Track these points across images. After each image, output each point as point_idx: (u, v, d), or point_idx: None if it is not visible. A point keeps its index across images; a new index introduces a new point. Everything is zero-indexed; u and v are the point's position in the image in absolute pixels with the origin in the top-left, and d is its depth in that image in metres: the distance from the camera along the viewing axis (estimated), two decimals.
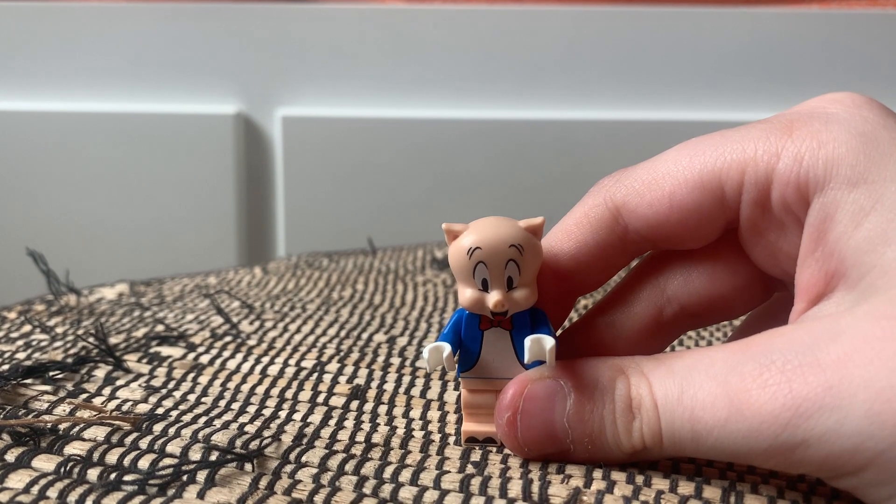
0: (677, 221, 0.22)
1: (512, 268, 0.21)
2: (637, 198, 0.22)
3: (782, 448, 0.18)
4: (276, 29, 0.67)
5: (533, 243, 0.21)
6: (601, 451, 0.21)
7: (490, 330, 0.22)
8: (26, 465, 0.21)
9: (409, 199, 0.69)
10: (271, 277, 0.43)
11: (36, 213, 0.68)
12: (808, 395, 0.17)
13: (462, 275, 0.21)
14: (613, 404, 0.20)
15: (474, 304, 0.21)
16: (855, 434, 0.17)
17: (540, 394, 0.21)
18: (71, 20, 0.66)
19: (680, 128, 0.67)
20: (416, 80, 0.68)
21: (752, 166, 0.21)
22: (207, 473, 0.20)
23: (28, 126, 0.67)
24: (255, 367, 0.29)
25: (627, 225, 0.22)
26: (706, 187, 0.21)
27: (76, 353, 0.29)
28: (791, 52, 0.67)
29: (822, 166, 0.20)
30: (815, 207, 0.20)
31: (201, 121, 0.67)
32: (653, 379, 0.20)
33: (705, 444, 0.19)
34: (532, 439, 0.21)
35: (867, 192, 0.19)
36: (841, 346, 0.18)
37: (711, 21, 0.67)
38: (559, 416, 0.21)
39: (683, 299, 0.23)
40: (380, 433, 0.23)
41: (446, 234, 0.21)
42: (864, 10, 0.67)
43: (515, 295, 0.21)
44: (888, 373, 0.17)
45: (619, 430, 0.20)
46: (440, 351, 0.21)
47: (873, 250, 0.18)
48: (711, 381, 0.19)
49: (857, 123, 0.20)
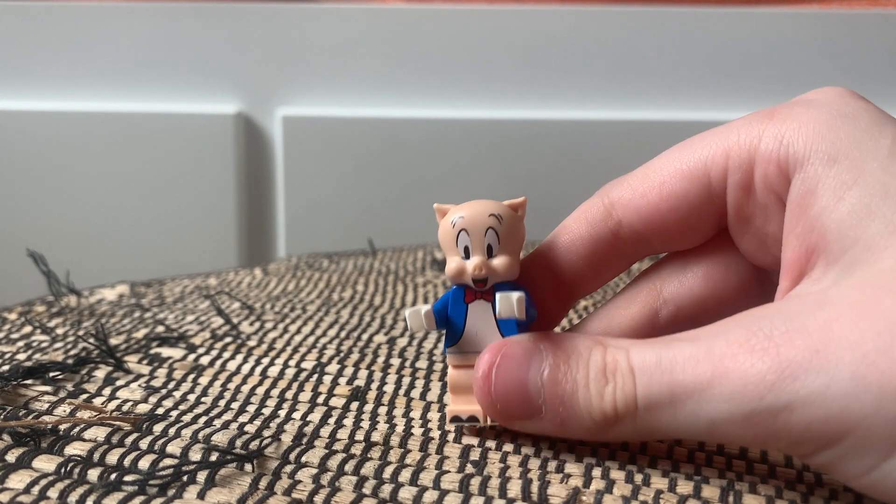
0: (667, 211, 0.22)
1: (491, 236, 0.22)
2: (630, 191, 0.23)
3: (765, 413, 0.17)
4: (277, 29, 0.67)
5: (513, 216, 0.22)
6: (572, 416, 0.20)
7: (474, 303, 0.23)
8: (27, 465, 0.21)
9: (409, 199, 0.69)
10: (271, 278, 0.43)
11: (36, 214, 0.68)
12: (795, 357, 0.17)
13: (448, 245, 0.22)
14: (588, 369, 0.20)
15: (457, 272, 0.22)
16: (841, 396, 0.17)
17: (517, 352, 0.21)
18: (71, 20, 0.67)
19: (679, 127, 0.67)
20: (416, 80, 0.68)
21: (735, 150, 0.21)
22: (207, 474, 0.20)
23: (28, 126, 0.67)
24: (256, 368, 0.29)
25: (621, 219, 0.23)
26: (693, 175, 0.22)
27: (76, 353, 0.29)
28: (791, 52, 0.67)
29: (801, 143, 0.20)
30: (796, 184, 0.20)
31: (202, 120, 0.67)
32: (631, 348, 0.20)
33: (683, 410, 0.18)
34: (504, 395, 0.21)
35: (848, 168, 0.19)
36: (827, 312, 0.18)
37: (710, 21, 0.67)
38: (533, 375, 0.21)
39: (679, 301, 0.23)
40: (379, 433, 0.23)
41: (437, 213, 0.23)
42: (864, 9, 0.67)
43: (494, 262, 0.22)
44: (874, 335, 0.17)
45: (592, 394, 0.20)
46: (419, 311, 0.22)
47: (857, 224, 0.19)
48: (693, 346, 0.19)
49: (838, 107, 0.20)
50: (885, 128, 0.20)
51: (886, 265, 0.18)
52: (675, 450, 0.23)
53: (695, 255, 0.24)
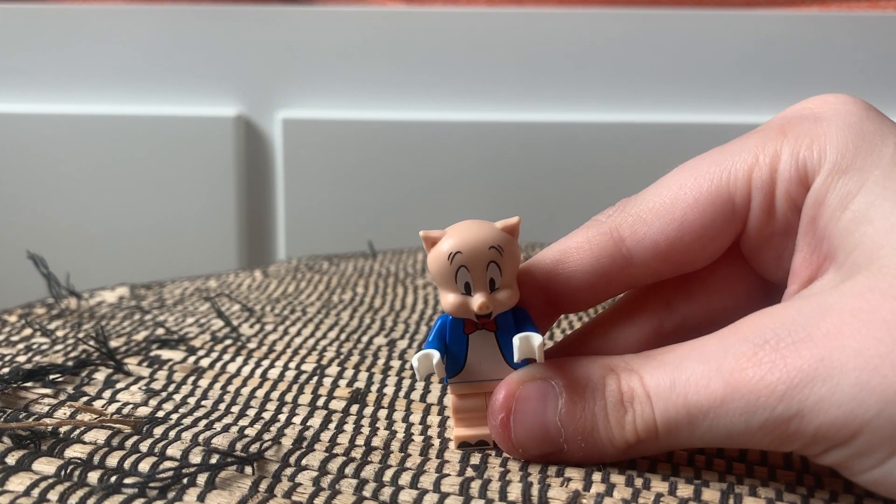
0: (689, 242, 0.22)
1: (493, 269, 0.21)
2: (645, 227, 0.22)
3: (778, 421, 0.18)
4: (277, 31, 0.67)
5: (511, 243, 0.21)
6: (595, 449, 0.21)
7: (475, 333, 0.22)
8: (27, 468, 0.21)
9: (409, 202, 0.69)
10: (271, 280, 0.43)
11: (36, 216, 0.68)
12: (802, 367, 0.18)
13: (444, 280, 0.21)
14: (605, 400, 0.20)
15: (458, 308, 0.21)
16: (846, 401, 0.17)
17: (532, 395, 0.21)
18: (71, 22, 0.67)
19: (681, 130, 0.67)
20: (417, 83, 0.68)
21: (756, 172, 0.21)
22: (208, 476, 0.20)
23: (28, 128, 0.67)
24: (256, 371, 0.29)
25: (632, 255, 0.22)
26: (716, 203, 0.22)
27: (77, 356, 0.29)
28: (793, 54, 0.67)
29: (817, 158, 0.21)
30: (810, 195, 0.21)
31: (202, 123, 0.67)
32: (643, 372, 0.20)
33: (701, 428, 0.19)
34: (526, 440, 0.21)
35: (854, 178, 0.20)
36: (830, 321, 0.18)
37: (711, 23, 0.67)
38: (551, 416, 0.21)
39: (685, 311, 0.24)
40: (379, 436, 0.23)
41: (424, 242, 0.21)
42: (865, 12, 0.67)
43: (499, 296, 0.21)
44: (875, 342, 0.17)
45: (612, 425, 0.20)
46: (430, 358, 0.21)
47: (856, 230, 0.19)
48: (704, 365, 0.19)
49: (844, 118, 0.21)
50: (886, 137, 0.20)
51: (884, 265, 0.18)
52: (675, 453, 0.23)
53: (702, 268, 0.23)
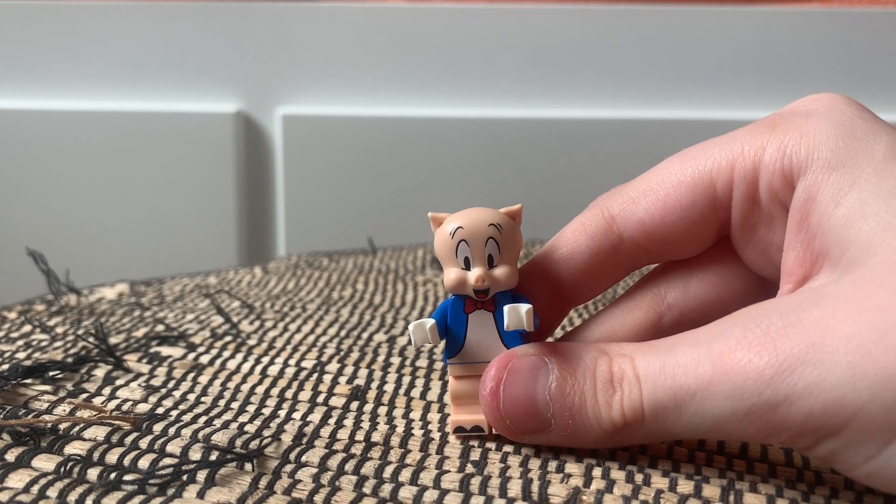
0: (672, 223, 0.23)
1: (492, 246, 0.22)
2: (632, 204, 0.23)
3: (765, 407, 0.18)
4: (277, 27, 0.67)
5: (512, 226, 0.22)
6: (581, 427, 0.21)
7: (474, 313, 0.22)
8: (26, 464, 0.21)
9: (409, 198, 0.69)
10: (271, 277, 0.43)
11: (36, 213, 0.68)
12: (792, 351, 0.18)
13: (446, 256, 0.22)
14: (595, 379, 0.21)
15: (457, 283, 0.22)
16: (837, 386, 0.17)
17: (523, 367, 0.21)
18: (71, 19, 0.66)
19: (681, 126, 0.67)
20: (416, 79, 0.68)
21: (740, 161, 0.22)
22: (207, 473, 0.20)
23: (28, 125, 0.67)
24: (255, 367, 0.29)
25: (622, 233, 0.23)
26: (698, 187, 0.22)
27: (76, 352, 0.29)
28: (792, 50, 0.67)
29: (804, 153, 0.21)
30: (799, 192, 0.21)
31: (201, 119, 0.67)
32: (636, 356, 0.20)
33: (687, 411, 0.19)
34: (513, 411, 0.21)
35: (846, 174, 0.20)
36: (823, 307, 0.18)
37: (712, 19, 0.67)
38: (541, 390, 0.21)
39: (683, 306, 0.24)
40: (379, 432, 0.23)
41: (432, 222, 0.22)
42: (865, 8, 0.67)
43: (496, 272, 0.22)
44: (868, 327, 0.17)
45: (600, 404, 0.20)
46: (424, 325, 0.22)
47: (851, 226, 0.19)
48: (695, 349, 0.19)
49: (835, 115, 0.21)
50: (878, 135, 0.20)
51: (880, 260, 0.18)
52: (675, 449, 0.23)
53: (699, 262, 0.24)
